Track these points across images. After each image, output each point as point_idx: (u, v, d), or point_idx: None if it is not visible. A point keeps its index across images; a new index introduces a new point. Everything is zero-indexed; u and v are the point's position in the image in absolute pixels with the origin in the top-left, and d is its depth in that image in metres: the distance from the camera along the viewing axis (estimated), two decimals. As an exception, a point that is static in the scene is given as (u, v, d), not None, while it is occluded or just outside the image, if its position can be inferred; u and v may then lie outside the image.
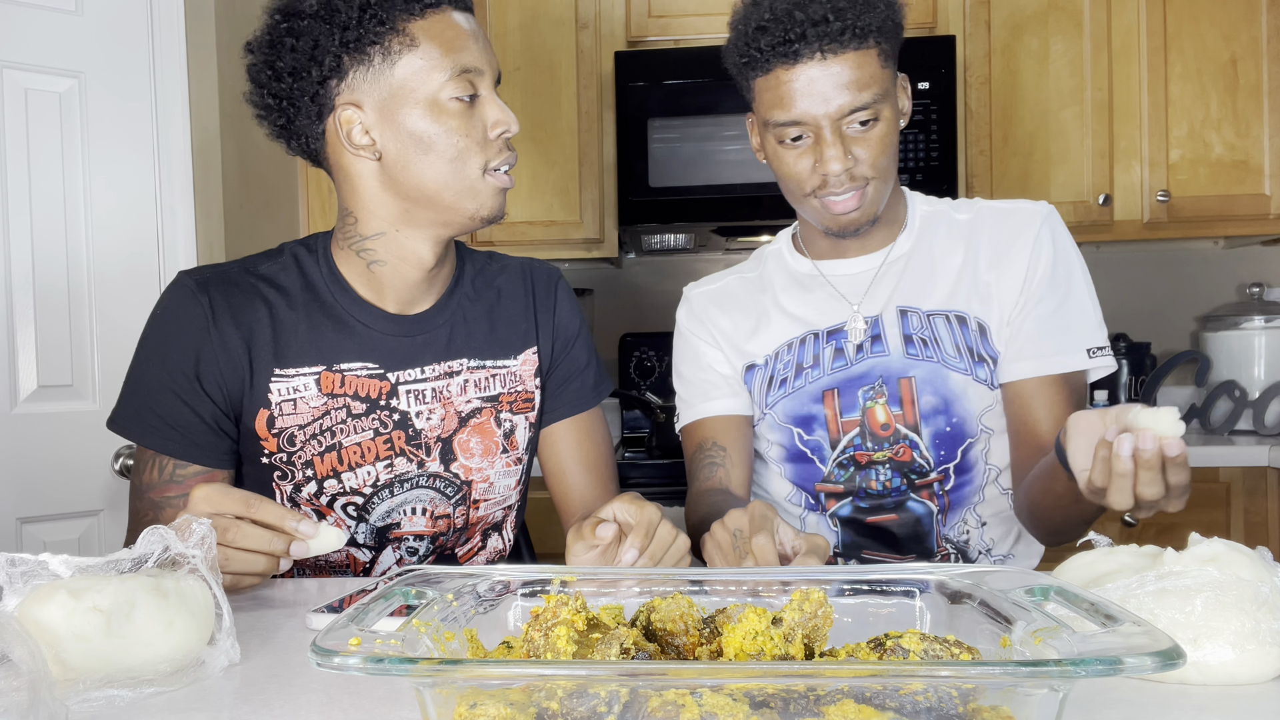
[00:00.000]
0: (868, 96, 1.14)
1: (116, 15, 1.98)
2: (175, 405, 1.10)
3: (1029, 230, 1.23)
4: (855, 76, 1.13)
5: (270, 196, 2.45)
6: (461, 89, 1.06)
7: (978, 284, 1.24)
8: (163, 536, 0.75)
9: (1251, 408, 2.52)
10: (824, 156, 1.15)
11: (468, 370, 1.20)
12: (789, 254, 1.36)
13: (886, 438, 1.25)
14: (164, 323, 1.13)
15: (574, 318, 1.30)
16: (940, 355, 1.23)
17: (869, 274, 1.29)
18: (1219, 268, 2.82)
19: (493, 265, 1.28)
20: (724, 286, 1.39)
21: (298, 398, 1.12)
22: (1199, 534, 0.73)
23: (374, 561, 1.18)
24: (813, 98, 1.14)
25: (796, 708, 0.50)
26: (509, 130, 1.09)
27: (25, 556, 0.71)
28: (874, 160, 1.17)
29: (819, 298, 1.30)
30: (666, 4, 2.58)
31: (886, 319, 1.26)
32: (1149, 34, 2.48)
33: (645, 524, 0.94)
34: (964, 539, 1.29)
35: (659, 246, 2.76)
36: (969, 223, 1.27)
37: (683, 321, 1.40)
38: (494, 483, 1.22)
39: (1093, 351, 1.21)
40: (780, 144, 1.19)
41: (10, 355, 1.86)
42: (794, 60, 1.13)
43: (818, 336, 1.29)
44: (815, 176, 1.18)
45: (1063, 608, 0.57)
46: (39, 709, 0.56)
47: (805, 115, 1.15)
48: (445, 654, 0.59)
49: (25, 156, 1.88)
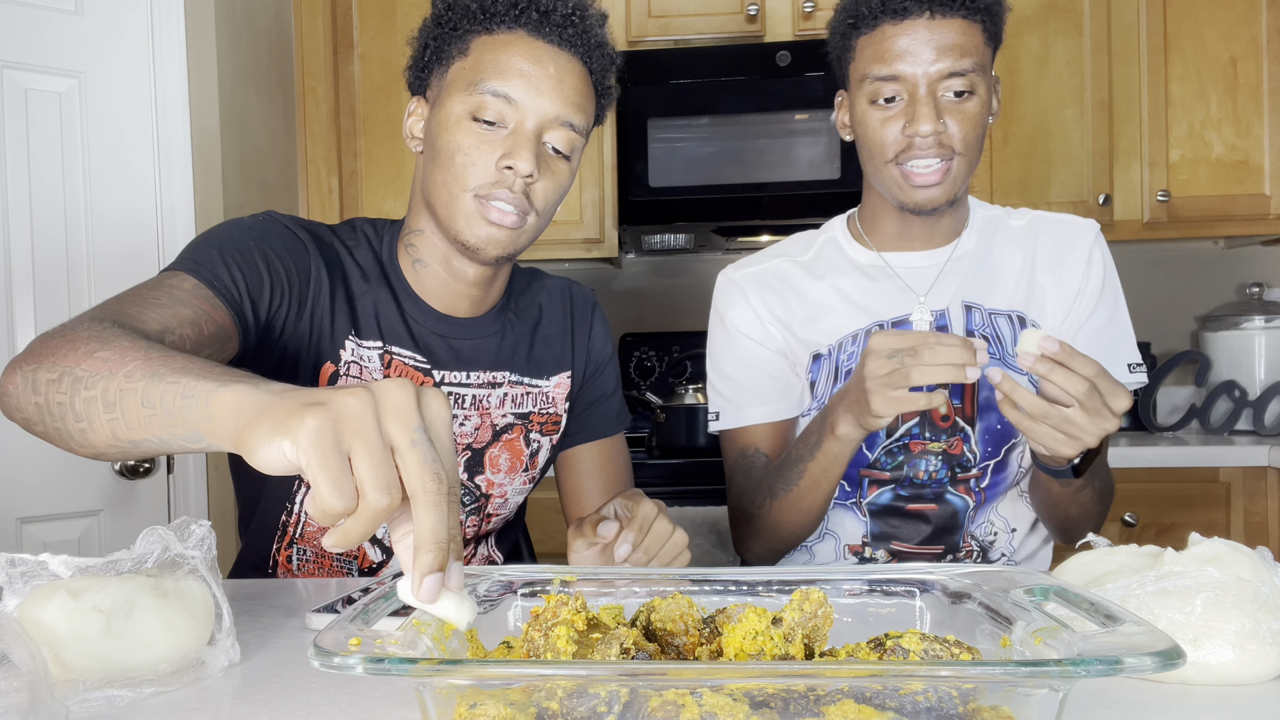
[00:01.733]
0: (968, 64, 1.15)
1: (116, 15, 1.98)
2: (246, 252, 1.02)
3: (1084, 243, 1.28)
4: (959, 42, 1.15)
5: (270, 196, 2.45)
6: (479, 109, 1.03)
7: (1034, 287, 1.28)
8: (162, 537, 0.75)
9: (1251, 408, 2.52)
10: (916, 115, 1.15)
11: (508, 384, 1.20)
12: (848, 243, 1.34)
13: (945, 429, 1.26)
14: (257, 222, 1.07)
15: (606, 344, 1.31)
16: (1003, 353, 1.25)
17: (935, 268, 1.29)
18: (1219, 268, 2.82)
19: (535, 283, 1.28)
20: (774, 269, 1.35)
21: (365, 366, 1.11)
22: (1199, 534, 0.73)
23: (383, 564, 1.18)
24: (914, 56, 1.15)
25: (796, 708, 0.50)
26: (515, 168, 1.03)
27: (25, 557, 0.71)
28: (964, 135, 1.17)
29: (884, 288, 1.29)
30: (666, 4, 2.57)
31: (953, 313, 1.27)
32: (1149, 34, 2.48)
33: (641, 519, 0.94)
34: (990, 539, 1.29)
35: (659, 246, 2.75)
36: (1026, 228, 1.31)
37: (727, 309, 1.34)
38: (509, 499, 1.22)
39: (1132, 367, 1.27)
40: (872, 104, 1.19)
41: (10, 355, 1.86)
42: (902, 16, 1.15)
43: (883, 327, 1.28)
44: (902, 139, 1.18)
45: (1063, 608, 0.57)
46: (39, 709, 0.56)
47: (904, 72, 1.15)
48: (445, 654, 0.59)
49: (25, 156, 1.88)
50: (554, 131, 1.05)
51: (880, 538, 1.30)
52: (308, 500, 0.52)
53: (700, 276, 2.93)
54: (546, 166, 1.06)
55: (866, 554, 1.30)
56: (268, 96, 2.45)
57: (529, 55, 1.04)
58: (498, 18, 1.05)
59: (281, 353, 1.07)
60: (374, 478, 0.53)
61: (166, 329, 0.88)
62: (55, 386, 0.75)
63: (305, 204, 2.64)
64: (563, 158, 1.08)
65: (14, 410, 0.81)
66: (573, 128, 1.06)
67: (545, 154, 1.06)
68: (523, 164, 1.02)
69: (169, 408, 0.67)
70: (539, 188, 1.06)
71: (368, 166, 2.63)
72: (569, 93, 1.05)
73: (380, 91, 2.61)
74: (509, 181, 1.04)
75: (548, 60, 1.05)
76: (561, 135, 1.06)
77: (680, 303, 2.94)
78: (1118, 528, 2.26)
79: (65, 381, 0.74)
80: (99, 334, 0.78)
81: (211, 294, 0.96)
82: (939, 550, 1.28)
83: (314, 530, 1.15)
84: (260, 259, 1.02)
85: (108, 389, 0.71)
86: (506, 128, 1.04)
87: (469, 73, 1.05)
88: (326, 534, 0.55)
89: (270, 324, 1.04)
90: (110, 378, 0.72)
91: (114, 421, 0.71)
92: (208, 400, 0.63)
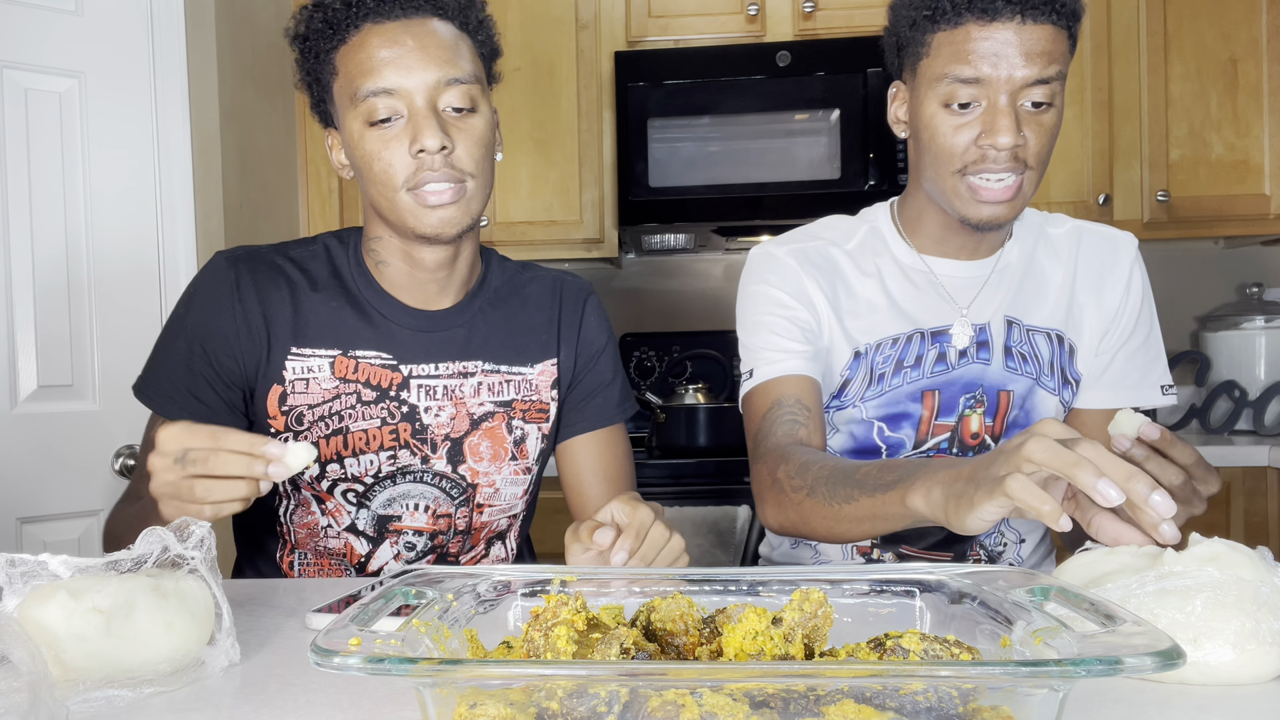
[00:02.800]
0: (1053, 72, 1.09)
1: (116, 15, 1.98)
2: (193, 378, 1.12)
3: (1125, 261, 1.25)
4: (1048, 49, 1.09)
5: (270, 196, 2.45)
6: (370, 114, 1.06)
7: (1074, 305, 1.25)
8: (161, 537, 0.75)
9: (1251, 408, 2.52)
10: (995, 126, 1.09)
11: (482, 373, 1.21)
12: (893, 239, 1.27)
13: (974, 446, 1.23)
14: (191, 297, 1.16)
15: (601, 333, 1.30)
16: (1039, 371, 1.22)
17: (979, 279, 1.24)
18: (1219, 268, 2.82)
19: (524, 275, 1.29)
20: (820, 250, 1.27)
21: (311, 378, 1.14)
22: (1199, 534, 0.73)
23: (370, 555, 1.19)
24: (1002, 59, 1.08)
25: (796, 708, 0.50)
26: (424, 148, 1.05)
27: (25, 557, 0.71)
28: (1040, 147, 1.11)
29: (927, 295, 1.24)
30: (666, 4, 2.58)
31: (994, 328, 1.23)
32: (1149, 34, 2.48)
33: (637, 525, 0.93)
34: (1000, 549, 1.27)
35: (659, 246, 2.76)
36: (1066, 240, 1.27)
37: (771, 276, 1.25)
38: (500, 489, 1.22)
39: (1165, 389, 1.25)
40: (945, 108, 1.12)
41: (10, 355, 1.86)
42: (991, 17, 1.08)
43: (923, 337, 1.23)
44: (975, 150, 1.11)
45: (1063, 608, 0.57)
46: (39, 710, 0.56)
47: (989, 75, 1.09)
48: (445, 654, 0.59)
49: (25, 156, 1.88)
50: (445, 94, 1.07)
51: (890, 540, 1.28)
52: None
53: (700, 276, 2.93)
54: (455, 129, 1.07)
55: (875, 555, 1.28)
56: (268, 96, 2.45)
57: (384, 42, 1.06)
58: (343, 24, 1.08)
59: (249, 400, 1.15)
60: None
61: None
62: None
63: (305, 204, 2.64)
64: (469, 112, 1.09)
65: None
66: (460, 81, 1.07)
67: (448, 119, 1.07)
68: (430, 141, 1.04)
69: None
70: (460, 153, 1.07)
71: (368, 166, 2.63)
72: (436, 54, 1.06)
73: (380, 91, 2.60)
74: (428, 164, 1.06)
75: (402, 36, 1.06)
76: (454, 93, 1.07)
77: (680, 303, 2.94)
78: (1118, 528, 2.26)
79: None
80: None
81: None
82: (947, 557, 1.27)
83: (303, 536, 1.18)
84: (200, 377, 1.12)
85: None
86: (402, 117, 1.06)
87: (346, 87, 1.08)
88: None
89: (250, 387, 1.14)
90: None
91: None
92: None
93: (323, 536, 1.17)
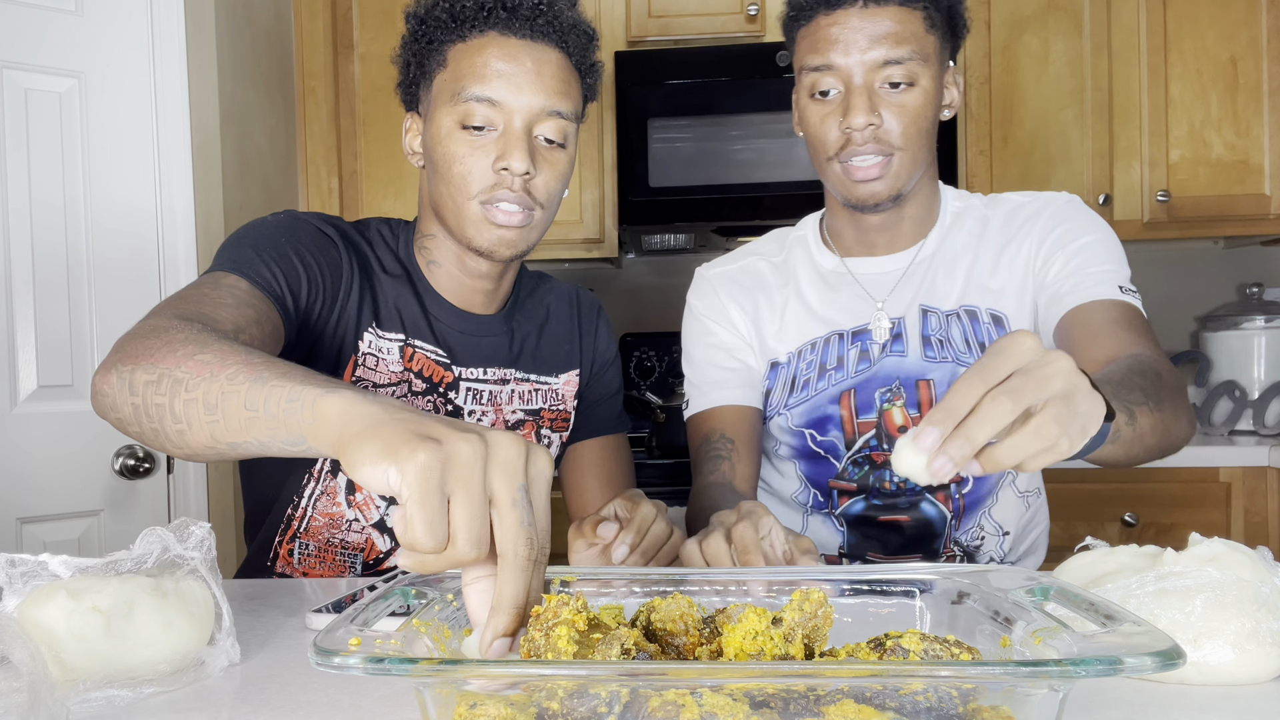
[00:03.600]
0: (903, 52, 1.12)
1: (116, 15, 1.98)
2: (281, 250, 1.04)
3: (1045, 211, 1.22)
4: (894, 30, 1.11)
5: (270, 196, 2.45)
6: (466, 117, 1.06)
7: (990, 274, 1.22)
8: (161, 538, 0.75)
9: (1251, 408, 2.52)
10: (850, 107, 1.12)
11: (515, 381, 1.23)
12: (815, 246, 1.32)
13: None
14: (290, 221, 1.09)
15: (611, 346, 1.35)
16: (954, 355, 1.21)
17: (897, 273, 1.26)
18: (1218, 268, 2.82)
19: (543, 286, 1.31)
20: (746, 267, 1.34)
21: (381, 358, 1.13)
22: (1199, 534, 0.73)
23: (389, 553, 1.19)
24: (847, 45, 1.12)
25: (796, 708, 0.50)
26: (509, 168, 1.05)
27: (25, 557, 0.71)
28: (903, 128, 1.13)
29: (845, 297, 1.27)
30: (666, 4, 2.57)
31: (909, 319, 1.23)
32: (1149, 34, 2.48)
33: (639, 520, 0.94)
34: (976, 544, 1.27)
35: (659, 246, 2.75)
36: (988, 217, 1.26)
37: (697, 303, 1.35)
38: None
39: (1123, 289, 1.15)
40: (811, 98, 1.17)
41: (10, 355, 1.86)
42: (835, 6, 1.13)
43: (842, 337, 1.25)
44: (841, 135, 1.14)
45: (1063, 608, 0.57)
46: (39, 710, 0.56)
47: (837, 61, 1.13)
48: (445, 654, 0.59)
49: (25, 156, 1.88)
50: (544, 123, 1.07)
51: (856, 548, 1.28)
52: (395, 521, 0.54)
53: (700, 276, 2.93)
54: (543, 159, 1.08)
55: (844, 564, 1.28)
56: (268, 96, 2.45)
57: (503, 54, 1.06)
58: (468, 23, 1.07)
59: (311, 345, 1.09)
60: (468, 530, 0.54)
61: (239, 329, 0.90)
62: (154, 388, 0.76)
63: (305, 204, 2.64)
64: (558, 146, 1.09)
65: (108, 410, 0.81)
66: (561, 115, 1.08)
67: (539, 147, 1.08)
68: (517, 163, 1.04)
69: (272, 411, 0.68)
70: (539, 182, 1.08)
71: (368, 166, 2.63)
72: (550, 83, 1.07)
73: (380, 91, 2.61)
74: (508, 182, 1.06)
75: (523, 55, 1.06)
76: (552, 125, 1.08)
77: (680, 303, 2.92)
78: (1118, 528, 2.26)
79: (165, 383, 0.75)
80: (195, 337, 0.79)
81: (262, 294, 0.98)
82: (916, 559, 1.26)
83: (319, 525, 1.15)
84: (295, 257, 1.05)
85: (209, 391, 0.72)
86: (496, 130, 1.06)
87: (450, 83, 1.07)
88: (403, 555, 0.55)
89: (305, 319, 1.06)
90: (212, 380, 0.72)
91: (214, 424, 0.72)
92: (313, 405, 0.64)
93: (345, 530, 1.16)
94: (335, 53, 2.62)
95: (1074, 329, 1.12)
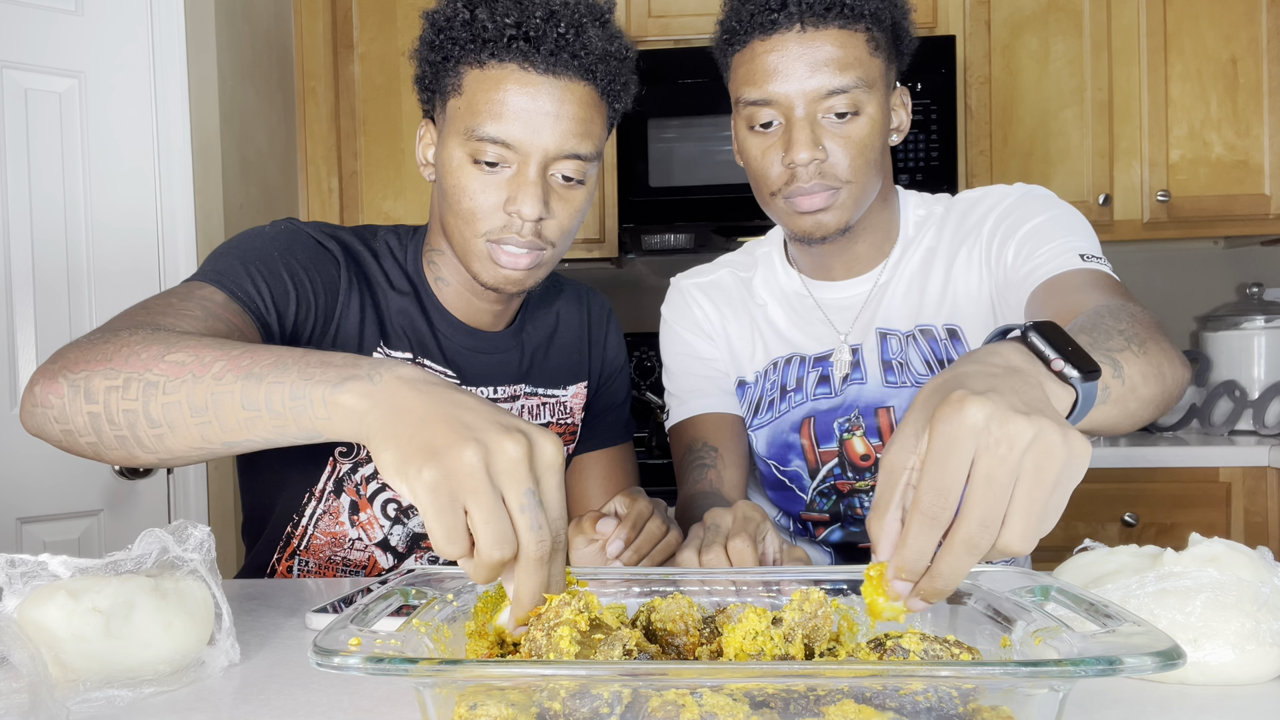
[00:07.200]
0: (847, 80, 1.03)
1: (116, 15, 1.98)
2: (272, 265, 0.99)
3: (998, 206, 1.14)
4: (836, 56, 1.03)
5: (270, 196, 2.45)
6: (478, 153, 1.00)
7: (943, 286, 1.16)
8: (160, 538, 0.75)
9: (1251, 408, 2.52)
10: (792, 141, 1.03)
11: (524, 396, 1.20)
12: (780, 265, 1.27)
13: (868, 468, 1.18)
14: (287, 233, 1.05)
15: (620, 352, 1.31)
16: (914, 379, 1.16)
17: (859, 299, 1.20)
18: (1218, 268, 2.82)
19: (553, 290, 1.27)
20: (717, 280, 1.30)
21: None
22: (1199, 534, 0.73)
23: (394, 569, 1.17)
24: (786, 74, 1.03)
25: (796, 708, 0.50)
26: (520, 213, 0.99)
27: (25, 557, 0.71)
28: (850, 162, 1.05)
29: (808, 322, 1.23)
30: (666, 4, 2.57)
31: (867, 344, 1.18)
32: (1149, 34, 2.48)
33: (634, 517, 0.93)
34: None
35: (659, 246, 2.75)
36: (945, 222, 1.19)
37: (671, 315, 1.31)
38: None
39: (1085, 256, 1.03)
40: (750, 130, 1.08)
41: (10, 355, 1.86)
42: (771, 30, 1.04)
43: (804, 360, 1.22)
44: (785, 171, 1.06)
45: (1063, 608, 0.57)
46: (39, 710, 0.56)
47: (776, 93, 1.04)
48: (445, 654, 0.59)
49: (25, 156, 1.88)
50: (561, 164, 1.01)
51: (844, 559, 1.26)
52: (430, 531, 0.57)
53: (700, 276, 2.93)
54: (558, 197, 1.02)
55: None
56: (268, 96, 2.45)
57: (523, 90, 0.98)
58: (487, 49, 0.99)
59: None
60: (488, 534, 0.56)
61: None
62: (119, 393, 0.72)
63: (305, 204, 2.64)
64: (576, 183, 1.03)
65: (51, 422, 0.76)
66: (580, 157, 1.01)
67: (554, 185, 1.02)
68: (528, 209, 0.99)
69: (277, 409, 0.67)
70: (551, 224, 1.02)
71: (368, 166, 2.63)
72: (569, 124, 0.99)
73: (380, 91, 2.61)
74: (517, 226, 1.01)
75: (543, 94, 0.99)
76: (570, 166, 1.01)
77: (680, 303, 2.94)
78: (1118, 528, 2.26)
79: (134, 387, 0.72)
80: (156, 337, 0.75)
81: (240, 309, 0.94)
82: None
83: (321, 544, 1.14)
84: (285, 272, 1.00)
85: (194, 393, 0.70)
86: (510, 168, 1.00)
87: (465, 115, 1.00)
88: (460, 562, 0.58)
89: (295, 338, 1.02)
90: (196, 381, 0.70)
91: (205, 425, 0.70)
92: (324, 401, 0.65)
93: (347, 549, 1.14)
94: (335, 53, 2.62)
95: (1039, 307, 1.01)
